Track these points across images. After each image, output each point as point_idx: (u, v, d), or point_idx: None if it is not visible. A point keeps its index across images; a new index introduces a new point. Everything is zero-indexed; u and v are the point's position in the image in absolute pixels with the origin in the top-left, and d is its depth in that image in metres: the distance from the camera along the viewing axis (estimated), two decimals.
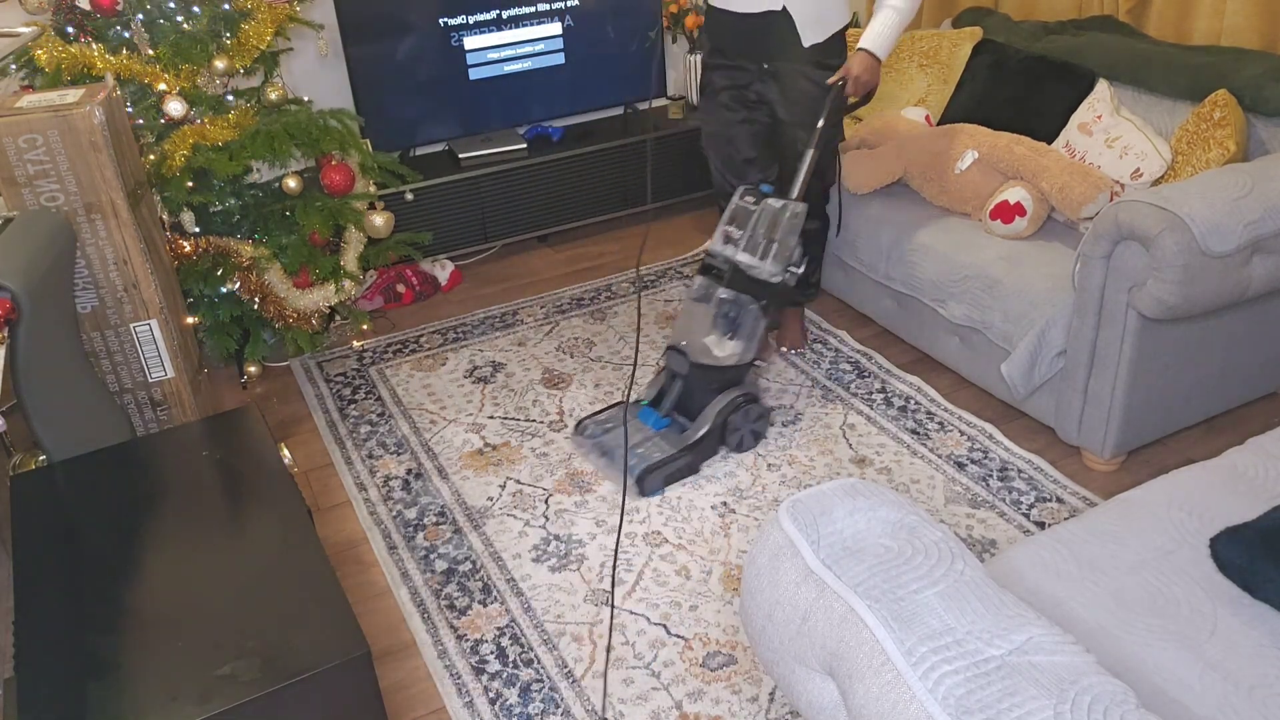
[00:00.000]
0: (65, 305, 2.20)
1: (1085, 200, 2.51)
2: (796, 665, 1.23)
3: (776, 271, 2.43)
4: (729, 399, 2.46)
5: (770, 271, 2.43)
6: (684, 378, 2.48)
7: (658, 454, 2.43)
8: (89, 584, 1.62)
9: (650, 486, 2.40)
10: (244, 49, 2.70)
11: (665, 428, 2.50)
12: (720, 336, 2.46)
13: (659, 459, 2.41)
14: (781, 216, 2.44)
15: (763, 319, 2.49)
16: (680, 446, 2.43)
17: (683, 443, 2.44)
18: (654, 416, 2.50)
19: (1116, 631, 1.39)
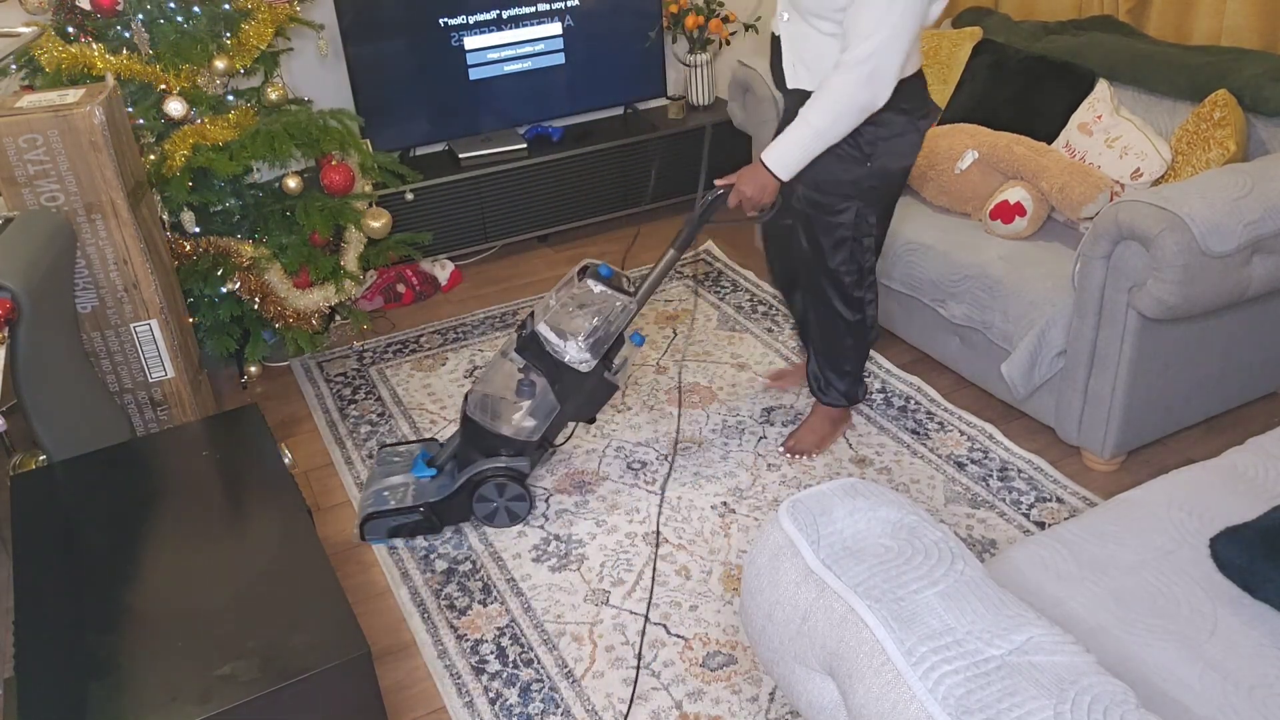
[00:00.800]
0: (65, 305, 2.20)
1: (1085, 200, 2.51)
2: (796, 665, 1.23)
3: (577, 358, 2.20)
4: (488, 468, 2.26)
5: (571, 356, 2.20)
6: (461, 429, 2.31)
7: (393, 502, 2.29)
8: (89, 584, 1.62)
9: (370, 533, 2.30)
10: (244, 49, 2.70)
11: (429, 477, 2.34)
12: (514, 401, 2.27)
13: (390, 508, 2.28)
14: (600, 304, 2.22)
15: (559, 405, 2.26)
16: (420, 501, 2.28)
17: (424, 498, 2.29)
18: (422, 465, 2.36)
19: (1116, 631, 1.39)
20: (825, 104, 2.00)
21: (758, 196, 2.14)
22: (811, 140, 2.05)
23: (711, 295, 3.34)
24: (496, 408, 2.28)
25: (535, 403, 2.27)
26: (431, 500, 2.29)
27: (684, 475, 2.48)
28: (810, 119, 2.03)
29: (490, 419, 2.27)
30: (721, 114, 3.84)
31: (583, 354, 2.20)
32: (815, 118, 2.02)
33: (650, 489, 2.44)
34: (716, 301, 3.30)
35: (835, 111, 2.01)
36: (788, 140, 2.07)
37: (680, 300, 3.32)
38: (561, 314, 2.22)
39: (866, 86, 1.96)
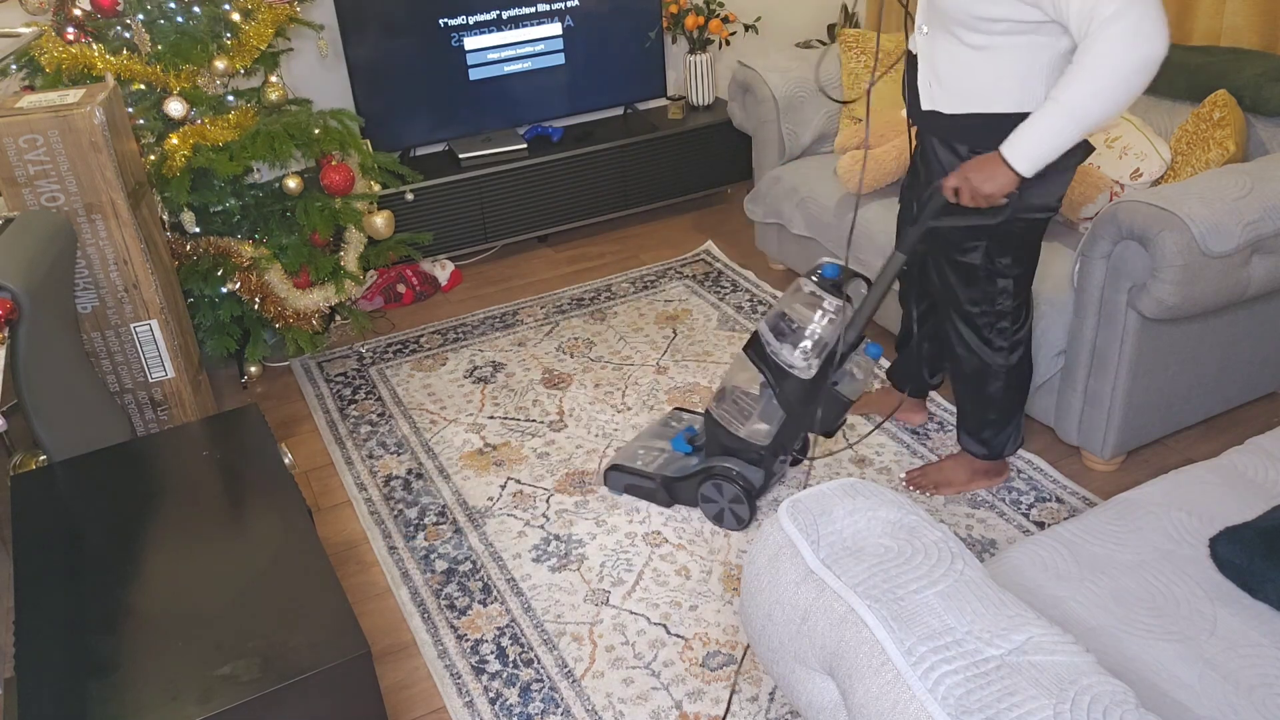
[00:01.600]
0: (65, 305, 2.20)
1: (1085, 200, 2.51)
2: (796, 665, 1.23)
3: (793, 361, 2.10)
4: (718, 465, 2.24)
5: (785, 358, 2.11)
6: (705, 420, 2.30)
7: (640, 463, 2.35)
8: (89, 584, 1.62)
9: (610, 482, 2.40)
10: (244, 49, 2.71)
11: (683, 453, 2.37)
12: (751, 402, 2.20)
13: (635, 467, 2.34)
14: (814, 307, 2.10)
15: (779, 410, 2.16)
16: (660, 472, 2.33)
17: (662, 472, 2.33)
18: (682, 441, 2.38)
19: (1116, 631, 1.39)
20: (1083, 74, 1.65)
21: (985, 188, 1.82)
22: (1067, 121, 1.70)
23: (711, 295, 3.34)
24: (735, 407, 2.22)
25: (764, 407, 2.18)
26: (668, 475, 2.31)
27: None
28: (1062, 98, 1.68)
29: (728, 418, 2.23)
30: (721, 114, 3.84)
31: (798, 358, 2.09)
32: (1069, 95, 1.67)
33: None
34: (716, 301, 3.30)
35: (1099, 80, 1.64)
36: (1032, 127, 1.73)
37: (680, 300, 3.32)
38: (786, 310, 2.13)
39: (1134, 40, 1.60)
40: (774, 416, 2.17)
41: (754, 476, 2.21)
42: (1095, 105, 1.68)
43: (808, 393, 2.12)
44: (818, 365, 2.09)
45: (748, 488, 2.21)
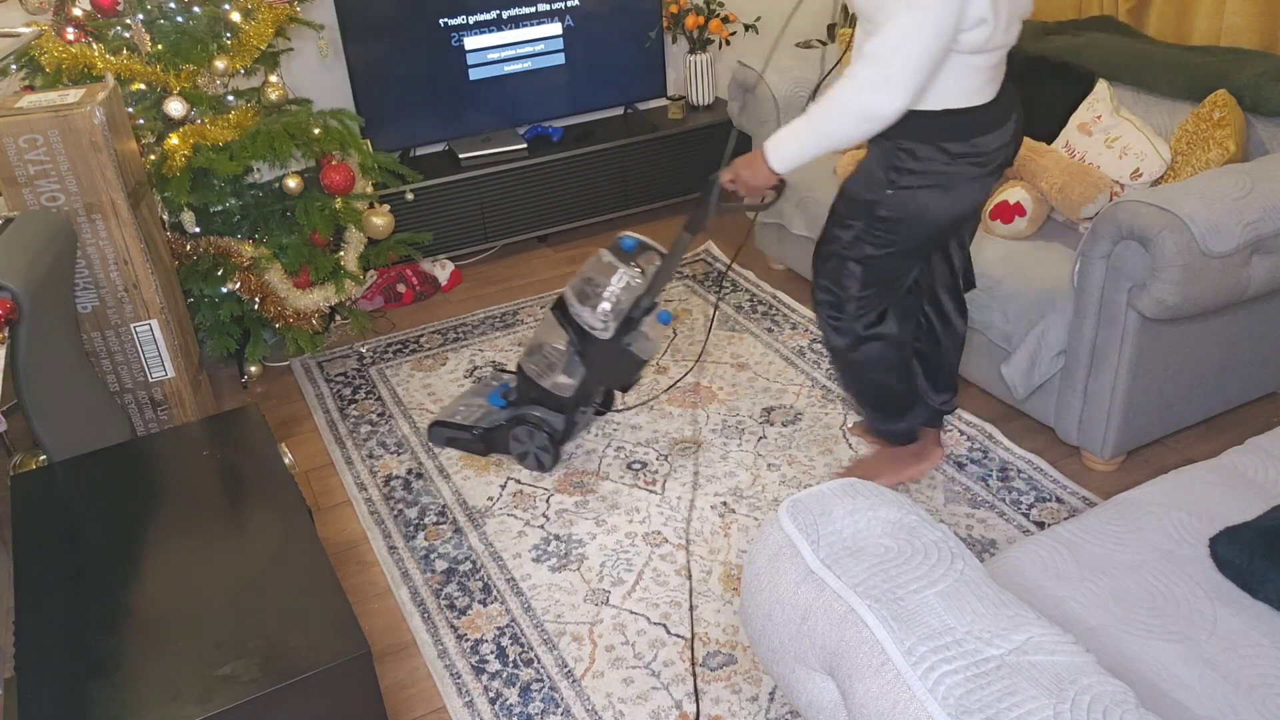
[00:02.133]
0: (66, 305, 2.20)
1: (1085, 200, 2.51)
2: (796, 665, 1.23)
3: (592, 322, 2.32)
4: (526, 413, 2.46)
5: (586, 320, 2.33)
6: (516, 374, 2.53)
7: (459, 418, 2.58)
8: (89, 584, 1.62)
9: (432, 437, 2.62)
10: (244, 49, 2.71)
11: (498, 406, 2.58)
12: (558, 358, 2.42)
13: (455, 421, 2.57)
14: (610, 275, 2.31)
15: (580, 366, 2.38)
16: (478, 424, 2.54)
17: (479, 424, 2.54)
18: (498, 396, 2.60)
19: (1116, 631, 1.39)
20: (829, 100, 1.80)
21: (751, 181, 1.99)
22: (809, 136, 1.86)
23: (711, 295, 3.34)
24: (544, 361, 2.44)
25: (567, 362, 2.40)
26: (484, 427, 2.53)
27: (684, 475, 2.48)
28: (812, 112, 1.84)
29: (537, 371, 2.44)
30: (721, 114, 3.84)
31: (596, 321, 2.31)
32: (817, 112, 1.83)
33: (650, 489, 2.44)
34: (716, 301, 3.30)
35: (835, 111, 1.81)
36: (786, 131, 1.90)
37: (680, 300, 3.32)
38: (585, 277, 2.34)
39: (868, 89, 1.75)
40: (576, 371, 2.40)
41: (557, 423, 2.46)
42: (831, 129, 1.83)
43: (605, 351, 2.35)
44: (614, 328, 2.31)
45: (552, 433, 2.44)
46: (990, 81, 1.86)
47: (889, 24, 1.72)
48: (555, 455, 2.49)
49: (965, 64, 1.80)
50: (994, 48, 1.80)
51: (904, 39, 1.71)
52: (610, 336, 2.32)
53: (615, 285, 2.30)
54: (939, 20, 1.70)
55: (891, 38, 1.72)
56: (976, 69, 1.82)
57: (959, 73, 1.81)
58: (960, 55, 1.79)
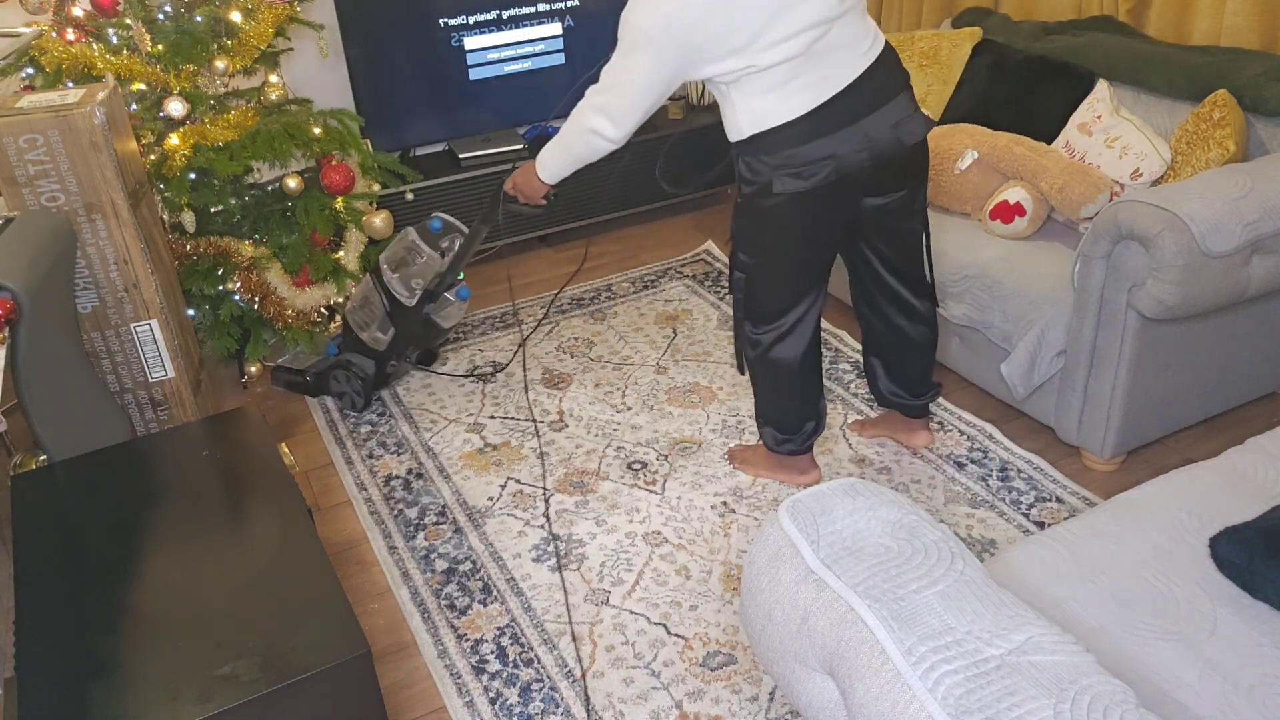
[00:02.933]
0: (66, 305, 2.20)
1: (1085, 200, 2.51)
2: (796, 665, 1.23)
3: (400, 290, 2.68)
4: (345, 358, 2.80)
5: (395, 288, 2.68)
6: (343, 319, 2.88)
7: (296, 364, 2.94)
8: (89, 584, 1.62)
9: (274, 379, 2.97)
10: (244, 49, 2.70)
11: (331, 354, 2.90)
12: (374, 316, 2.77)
13: (293, 366, 2.94)
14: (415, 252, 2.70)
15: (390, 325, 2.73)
16: (310, 369, 2.90)
17: (311, 368, 2.89)
18: (333, 345, 2.91)
19: (1116, 631, 1.39)
20: (570, 120, 2.00)
21: (524, 187, 2.21)
22: (560, 152, 2.07)
23: (711, 295, 3.34)
24: (366, 314, 2.77)
25: (380, 320, 2.74)
26: (316, 371, 2.88)
27: (684, 475, 2.48)
28: (561, 131, 2.04)
29: (358, 323, 2.79)
30: None
31: (403, 290, 2.68)
32: (564, 130, 2.02)
33: (650, 489, 2.44)
34: (716, 301, 3.30)
35: (572, 131, 2.01)
36: (550, 145, 2.09)
37: (680, 300, 3.32)
38: (397, 252, 2.72)
39: (594, 115, 1.95)
40: (388, 329, 2.74)
41: (369, 369, 2.79)
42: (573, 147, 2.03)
43: (409, 317, 2.70)
44: (418, 298, 2.67)
45: (364, 378, 2.78)
46: (800, 91, 1.85)
47: (616, 56, 1.88)
48: (367, 398, 2.81)
49: (749, 90, 1.85)
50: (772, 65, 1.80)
51: (621, 78, 1.89)
52: (414, 305, 2.67)
53: (418, 262, 2.68)
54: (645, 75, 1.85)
55: (613, 74, 1.90)
56: (766, 90, 1.85)
57: (748, 99, 1.87)
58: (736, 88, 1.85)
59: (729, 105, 1.92)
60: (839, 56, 1.87)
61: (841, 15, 1.84)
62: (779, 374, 2.20)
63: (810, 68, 1.85)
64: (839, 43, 1.85)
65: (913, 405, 2.42)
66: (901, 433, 2.51)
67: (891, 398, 2.41)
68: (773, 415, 2.30)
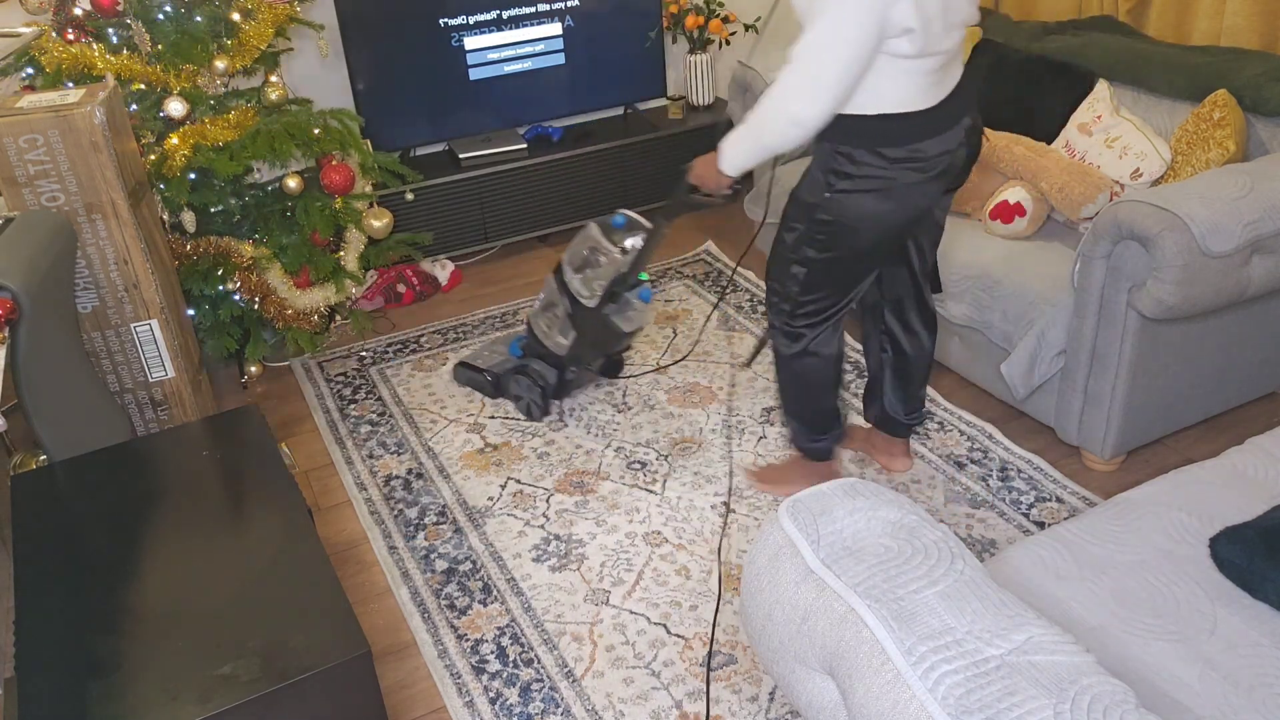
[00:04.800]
0: (66, 305, 2.20)
1: (1085, 200, 2.51)
2: (796, 665, 1.23)
3: (581, 290, 2.55)
4: (529, 364, 2.73)
5: (576, 287, 2.56)
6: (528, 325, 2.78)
7: (479, 362, 2.85)
8: (89, 584, 1.62)
9: (456, 375, 2.90)
10: (244, 49, 2.70)
11: (514, 356, 2.82)
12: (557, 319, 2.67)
13: (476, 364, 2.84)
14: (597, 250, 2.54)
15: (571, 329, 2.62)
16: (491, 369, 2.80)
17: (493, 369, 2.80)
18: (516, 346, 2.82)
19: (1116, 631, 1.39)
20: (760, 105, 1.83)
21: (706, 178, 2.06)
22: (749, 141, 1.90)
23: (712, 295, 3.34)
24: (550, 320, 2.67)
25: (563, 324, 2.63)
26: (496, 372, 2.78)
27: (684, 475, 2.48)
28: (750, 118, 1.86)
29: (543, 329, 2.68)
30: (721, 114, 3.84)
31: (584, 289, 2.54)
32: (753, 117, 1.85)
33: (650, 489, 2.44)
34: (716, 301, 3.30)
35: (765, 116, 1.83)
36: (734, 134, 1.93)
37: (680, 300, 3.32)
38: (579, 250, 2.57)
39: (791, 95, 1.77)
40: (569, 333, 2.63)
41: (551, 377, 2.70)
42: (765, 134, 1.85)
43: (590, 318, 2.56)
44: (599, 298, 2.52)
45: (545, 386, 2.69)
46: (931, 86, 1.85)
47: (809, 29, 1.72)
48: (545, 408, 2.71)
49: (898, 68, 1.80)
50: (929, 53, 1.79)
51: (823, 45, 1.72)
52: (595, 305, 2.53)
53: (600, 259, 2.53)
54: (857, 27, 1.70)
55: (811, 43, 1.73)
56: (910, 74, 1.80)
57: (893, 77, 1.80)
58: (892, 60, 1.78)
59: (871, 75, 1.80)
60: (957, 62, 1.90)
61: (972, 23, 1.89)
62: (816, 369, 2.16)
63: (947, 64, 1.87)
64: (959, 48, 1.88)
65: (903, 425, 2.38)
66: (882, 453, 2.45)
67: (892, 415, 2.36)
68: (806, 414, 2.25)
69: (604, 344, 2.67)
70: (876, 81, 1.80)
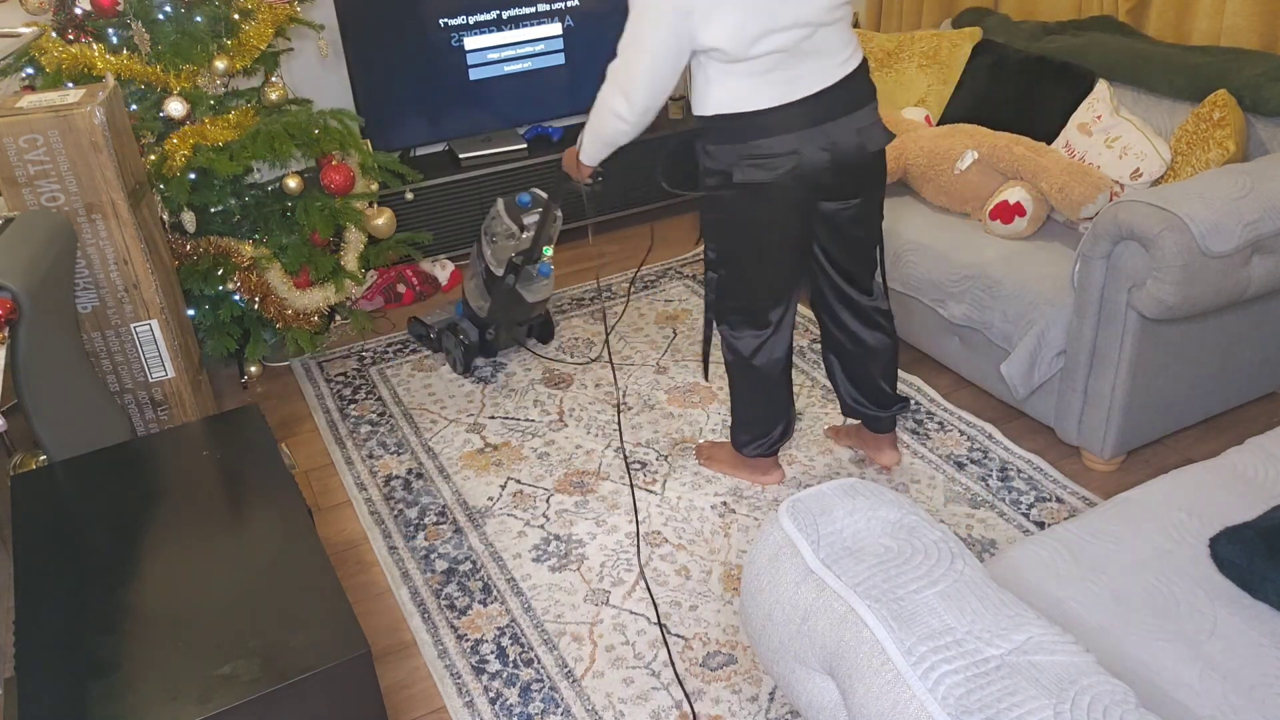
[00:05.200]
0: (66, 305, 2.20)
1: (1085, 200, 2.51)
2: (796, 665, 1.23)
3: (489, 259, 2.80)
4: (460, 323, 2.95)
5: (487, 256, 2.81)
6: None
7: (428, 319, 3.09)
8: (89, 584, 1.62)
9: (410, 329, 3.16)
10: (244, 49, 2.70)
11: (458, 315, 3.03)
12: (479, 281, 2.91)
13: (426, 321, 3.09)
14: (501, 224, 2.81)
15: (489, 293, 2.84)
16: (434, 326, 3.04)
17: (433, 326, 3.05)
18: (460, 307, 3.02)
19: (1116, 631, 1.39)
20: (596, 102, 1.99)
21: (570, 167, 2.24)
22: (590, 134, 2.07)
23: None
24: (471, 283, 2.90)
25: (481, 288, 2.87)
26: (438, 328, 3.03)
27: (684, 475, 2.48)
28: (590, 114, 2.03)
29: (470, 291, 2.90)
30: None
31: (492, 259, 2.79)
32: (591, 113, 2.02)
33: (650, 489, 2.44)
34: None
35: (596, 109, 2.00)
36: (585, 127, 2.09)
37: (680, 300, 3.32)
38: (487, 221, 2.85)
39: (612, 94, 1.94)
40: (487, 297, 2.85)
41: (474, 336, 2.91)
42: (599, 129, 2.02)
43: (499, 286, 2.79)
44: (502, 269, 2.76)
45: (469, 345, 2.91)
46: (768, 86, 1.88)
47: (625, 31, 1.86)
48: (467, 363, 2.93)
49: (724, 71, 1.88)
50: (747, 58, 1.83)
51: (630, 49, 1.87)
52: (501, 275, 2.76)
53: (501, 231, 2.78)
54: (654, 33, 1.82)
55: (623, 46, 1.88)
56: (737, 75, 1.87)
57: (720, 80, 1.89)
58: (715, 63, 1.87)
59: (704, 79, 1.92)
60: (818, 62, 1.91)
61: (831, 23, 1.88)
62: (758, 380, 2.23)
63: (790, 65, 1.88)
64: (822, 48, 1.89)
65: (878, 418, 2.37)
66: (870, 447, 2.45)
67: (855, 405, 2.36)
68: (747, 419, 2.32)
69: (512, 311, 2.88)
70: (707, 85, 1.92)
